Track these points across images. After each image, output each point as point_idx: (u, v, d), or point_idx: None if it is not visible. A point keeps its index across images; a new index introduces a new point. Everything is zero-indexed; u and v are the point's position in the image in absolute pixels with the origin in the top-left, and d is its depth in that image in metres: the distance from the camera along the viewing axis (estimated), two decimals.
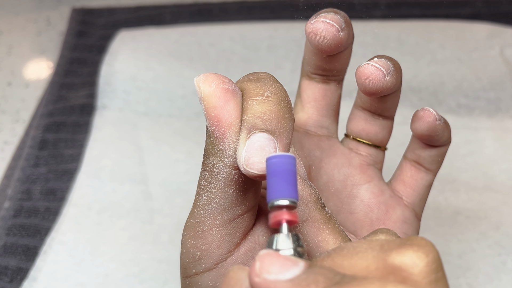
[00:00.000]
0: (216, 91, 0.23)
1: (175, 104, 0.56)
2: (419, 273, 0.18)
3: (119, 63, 0.57)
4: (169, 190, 0.49)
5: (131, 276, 0.43)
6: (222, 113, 0.23)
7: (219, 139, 0.23)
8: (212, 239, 0.24)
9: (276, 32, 0.61)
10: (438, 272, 0.18)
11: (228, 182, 0.23)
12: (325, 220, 0.24)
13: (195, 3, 0.67)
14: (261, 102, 0.23)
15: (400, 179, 0.32)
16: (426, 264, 0.18)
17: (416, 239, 0.19)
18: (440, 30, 0.61)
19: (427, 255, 0.18)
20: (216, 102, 0.23)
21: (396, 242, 0.19)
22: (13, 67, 0.62)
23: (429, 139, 0.30)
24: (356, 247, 0.20)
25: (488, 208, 0.47)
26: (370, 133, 0.31)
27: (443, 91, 0.56)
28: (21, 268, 0.44)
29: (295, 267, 0.18)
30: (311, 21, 0.27)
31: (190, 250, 0.25)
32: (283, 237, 0.20)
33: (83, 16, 0.65)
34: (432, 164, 0.31)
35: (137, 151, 0.52)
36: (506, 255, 0.44)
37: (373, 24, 0.62)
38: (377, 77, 0.27)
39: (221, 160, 0.23)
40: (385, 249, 0.19)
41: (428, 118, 0.29)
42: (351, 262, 0.19)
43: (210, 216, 0.24)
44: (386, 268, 0.18)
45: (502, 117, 0.54)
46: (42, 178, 0.50)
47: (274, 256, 0.18)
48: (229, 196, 0.24)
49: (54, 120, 0.54)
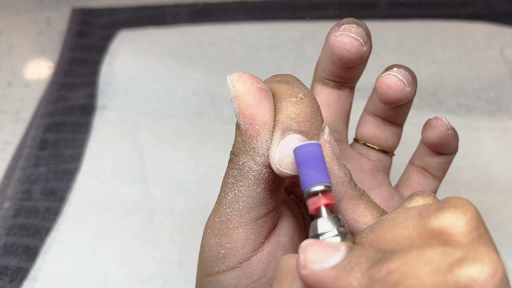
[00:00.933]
0: (251, 89, 0.23)
1: (176, 104, 0.56)
2: (460, 233, 0.18)
3: (119, 63, 0.57)
4: (169, 190, 0.49)
5: (132, 276, 0.43)
6: (257, 111, 0.23)
7: (252, 138, 0.23)
8: (237, 237, 0.25)
9: (276, 32, 0.61)
10: (479, 228, 0.18)
11: (258, 180, 0.24)
12: (359, 196, 0.24)
13: (195, 3, 0.67)
14: (295, 103, 0.23)
15: (408, 185, 0.32)
16: (465, 223, 0.18)
17: (452, 200, 0.19)
18: (440, 30, 0.61)
19: (465, 214, 0.18)
20: (251, 101, 0.23)
21: (433, 206, 0.19)
22: (13, 67, 0.62)
23: (439, 148, 0.30)
24: (396, 218, 0.20)
25: (488, 208, 0.47)
26: (381, 139, 0.31)
27: (443, 91, 0.56)
28: (21, 268, 0.44)
29: (337, 252, 0.19)
30: (335, 33, 0.27)
31: (214, 248, 0.25)
32: (324, 220, 0.21)
33: (83, 16, 0.65)
34: (439, 171, 0.32)
35: (138, 151, 0.52)
36: (506, 255, 0.44)
37: (373, 24, 0.62)
38: (399, 88, 0.27)
39: (252, 158, 0.23)
40: (424, 216, 0.19)
41: (441, 127, 0.29)
42: (393, 233, 0.19)
43: (236, 214, 0.24)
44: (428, 234, 0.18)
45: (502, 117, 0.54)
46: (42, 178, 0.50)
47: (315, 245, 0.19)
48: (257, 195, 0.24)
49: (54, 120, 0.54)
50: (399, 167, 0.35)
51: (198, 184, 0.49)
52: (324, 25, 0.62)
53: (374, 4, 0.66)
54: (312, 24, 0.62)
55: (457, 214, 0.18)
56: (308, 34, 0.60)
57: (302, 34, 0.60)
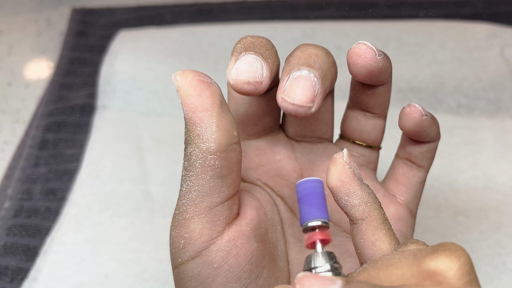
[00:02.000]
0: (192, 81, 0.24)
1: (176, 104, 0.56)
2: (454, 276, 0.19)
3: (119, 63, 0.57)
4: (169, 190, 0.49)
5: (131, 276, 0.43)
6: (198, 100, 0.24)
7: (196, 124, 0.24)
8: (194, 227, 0.25)
9: (276, 32, 0.61)
10: (471, 274, 0.19)
11: (204, 168, 0.25)
12: (382, 220, 0.24)
13: (195, 3, 0.67)
14: (252, 37, 0.26)
15: (393, 178, 0.32)
16: (459, 267, 0.19)
17: (447, 245, 0.20)
18: (440, 30, 0.61)
19: (459, 258, 0.19)
20: (192, 91, 0.24)
21: (428, 249, 0.20)
22: (13, 67, 0.62)
23: (417, 135, 0.30)
24: (390, 259, 0.20)
25: (488, 208, 0.47)
26: (362, 133, 0.31)
27: (443, 91, 0.56)
28: (21, 268, 0.44)
29: (333, 285, 0.19)
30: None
31: (175, 240, 0.26)
32: (318, 255, 0.22)
33: (83, 16, 0.65)
34: (423, 160, 0.31)
35: (138, 151, 0.52)
36: (506, 255, 0.44)
37: (373, 24, 0.62)
38: (369, 55, 0.26)
39: (197, 146, 0.24)
40: (419, 257, 0.20)
41: (414, 114, 0.29)
42: (387, 272, 0.20)
43: (191, 204, 0.25)
44: (422, 274, 0.19)
45: (502, 117, 0.54)
46: (42, 178, 0.50)
47: (312, 277, 0.19)
48: (207, 183, 0.25)
49: (54, 120, 0.54)
50: None
51: None
52: (324, 25, 0.62)
53: (374, 4, 0.66)
54: (312, 24, 0.62)
55: (452, 258, 0.19)
56: (308, 34, 0.60)
57: (302, 34, 0.60)
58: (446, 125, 0.54)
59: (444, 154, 0.51)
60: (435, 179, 0.50)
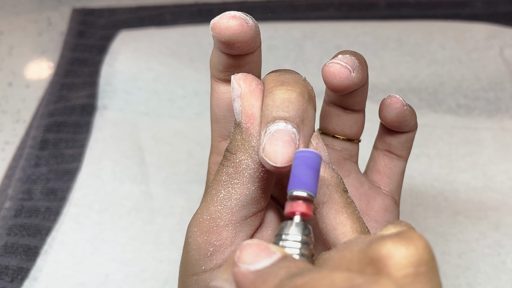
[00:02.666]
0: (256, 90, 0.24)
1: (176, 104, 0.56)
2: (394, 265, 0.17)
3: (119, 64, 0.57)
4: (169, 190, 0.49)
5: (132, 275, 0.43)
6: (259, 112, 0.24)
7: (252, 136, 0.24)
8: (227, 235, 0.25)
9: (276, 32, 0.61)
10: (419, 266, 0.17)
11: (253, 178, 0.24)
12: (344, 204, 0.24)
13: (195, 3, 0.67)
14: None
15: (375, 170, 0.32)
16: (403, 256, 0.17)
17: (403, 231, 0.18)
18: (440, 30, 0.61)
19: (407, 247, 0.17)
20: (254, 101, 0.24)
21: (385, 235, 0.18)
22: (13, 67, 0.62)
23: (398, 125, 0.30)
24: (352, 241, 0.20)
25: (488, 208, 0.47)
26: (344, 128, 0.31)
27: (443, 91, 0.56)
28: (22, 267, 0.44)
29: (267, 258, 0.19)
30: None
31: (202, 247, 0.25)
32: (293, 225, 0.21)
33: (83, 16, 0.66)
34: (402, 150, 0.32)
35: (138, 151, 0.52)
36: (506, 255, 0.44)
37: (373, 24, 0.62)
38: (343, 75, 0.27)
39: (251, 156, 0.24)
40: (371, 242, 0.18)
41: (396, 104, 0.29)
42: (341, 254, 0.19)
43: (228, 212, 0.25)
44: (365, 259, 0.18)
45: (502, 117, 0.55)
46: (43, 178, 0.50)
47: (253, 246, 0.19)
48: (251, 193, 0.24)
49: (54, 120, 0.54)
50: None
51: (198, 184, 0.49)
52: (324, 25, 0.62)
53: (374, 4, 0.66)
54: (312, 24, 0.62)
55: (397, 245, 0.17)
56: (308, 34, 0.60)
57: (302, 34, 0.60)
58: (446, 125, 0.54)
59: (444, 154, 0.51)
60: (435, 179, 0.50)
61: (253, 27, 0.25)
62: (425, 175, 0.50)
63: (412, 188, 0.49)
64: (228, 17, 0.24)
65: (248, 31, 0.24)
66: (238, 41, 0.25)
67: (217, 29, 0.24)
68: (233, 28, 0.24)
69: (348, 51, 0.28)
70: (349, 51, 0.28)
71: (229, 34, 0.24)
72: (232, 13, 0.24)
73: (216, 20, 0.24)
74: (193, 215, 0.26)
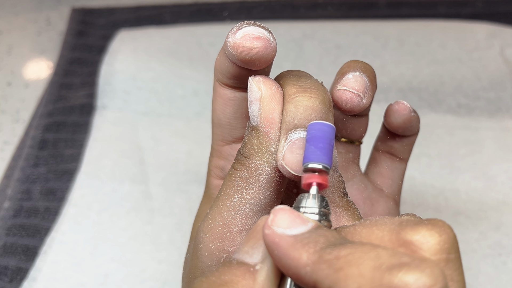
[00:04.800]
0: (277, 94, 0.24)
1: (175, 104, 0.56)
2: (428, 249, 0.18)
3: (119, 63, 0.57)
4: (169, 190, 0.49)
5: (131, 276, 0.43)
6: (279, 116, 0.23)
7: (272, 141, 0.23)
8: (240, 241, 0.24)
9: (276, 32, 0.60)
10: (450, 253, 0.19)
11: (269, 183, 0.24)
12: (345, 207, 0.24)
13: (195, 3, 0.67)
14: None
15: (378, 172, 0.33)
16: (437, 242, 0.18)
17: (434, 220, 0.19)
18: (440, 30, 0.61)
19: (440, 234, 0.19)
20: (275, 105, 0.23)
21: (415, 220, 0.20)
22: (13, 67, 0.62)
23: (404, 130, 0.31)
24: (378, 220, 0.20)
25: (488, 208, 0.47)
26: (349, 131, 0.31)
27: (443, 91, 0.56)
28: (21, 268, 0.44)
29: (303, 225, 0.19)
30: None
31: (215, 253, 0.24)
32: (310, 197, 0.21)
33: (83, 16, 0.65)
34: (404, 153, 0.32)
35: (137, 151, 0.52)
36: (506, 255, 0.44)
37: (373, 24, 0.62)
38: (355, 102, 0.27)
39: (267, 161, 0.23)
40: (403, 225, 0.19)
41: (404, 111, 0.30)
42: (369, 231, 0.20)
43: (241, 217, 0.24)
44: (399, 241, 0.19)
45: (502, 117, 0.54)
46: (42, 178, 0.50)
47: (287, 211, 0.20)
48: (266, 198, 0.24)
49: (54, 120, 0.54)
50: None
51: (198, 184, 0.49)
52: (324, 25, 0.62)
53: (374, 4, 0.65)
54: (312, 24, 0.62)
55: (432, 232, 0.19)
56: (308, 34, 0.60)
57: (302, 34, 0.60)
58: (446, 125, 0.53)
59: (444, 154, 0.51)
60: (435, 179, 0.50)
61: (275, 46, 0.24)
62: (426, 175, 0.50)
63: (412, 188, 0.49)
64: (252, 38, 0.23)
65: (271, 52, 0.24)
66: (261, 61, 0.24)
67: (239, 49, 0.23)
68: (257, 50, 0.23)
69: (358, 66, 0.28)
70: (359, 65, 0.28)
71: (251, 55, 0.24)
72: (255, 32, 0.23)
73: (238, 40, 0.23)
74: (203, 221, 0.25)
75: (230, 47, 0.24)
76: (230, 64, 0.25)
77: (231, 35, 0.24)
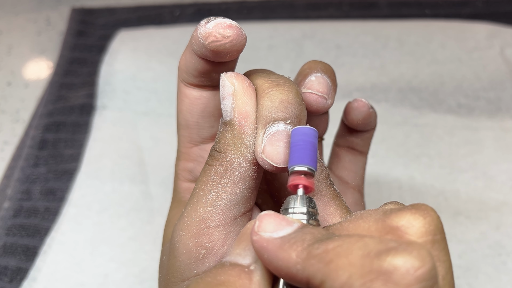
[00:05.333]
0: (249, 89, 0.24)
1: (175, 104, 0.56)
2: (414, 233, 0.19)
3: (119, 63, 0.57)
4: (169, 190, 0.49)
5: (131, 276, 0.43)
6: (252, 110, 0.24)
7: (246, 134, 0.24)
8: (218, 236, 0.24)
9: (276, 32, 0.60)
10: (435, 234, 0.19)
11: (244, 177, 0.24)
12: (332, 196, 0.25)
13: (195, 3, 0.67)
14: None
15: (341, 166, 0.34)
16: (422, 225, 0.19)
17: (417, 204, 0.20)
18: (440, 30, 0.61)
19: (424, 217, 0.19)
20: (247, 99, 0.24)
21: (398, 207, 0.20)
22: (13, 67, 0.62)
23: (363, 126, 0.32)
24: (363, 213, 0.21)
25: (488, 208, 0.47)
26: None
27: (443, 91, 0.56)
28: (20, 268, 0.44)
29: (289, 226, 0.20)
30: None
31: (193, 250, 0.25)
32: (298, 198, 0.22)
33: (83, 16, 0.65)
34: (364, 147, 0.34)
35: (137, 151, 0.52)
36: (506, 255, 0.44)
37: (373, 24, 0.62)
38: (321, 104, 0.27)
39: (242, 155, 0.24)
40: (387, 213, 0.20)
41: (363, 108, 0.31)
42: (355, 224, 0.21)
43: (218, 212, 0.24)
44: (385, 228, 0.20)
45: (502, 117, 0.54)
46: (42, 178, 0.50)
47: (272, 216, 0.20)
48: (241, 192, 0.24)
49: (53, 120, 0.54)
50: None
51: None
52: (324, 25, 0.62)
53: (374, 4, 0.65)
54: (312, 24, 0.62)
55: (416, 215, 0.19)
56: (308, 34, 0.60)
57: (302, 34, 0.60)
58: (446, 125, 0.53)
59: (444, 154, 0.51)
60: (435, 179, 0.50)
61: (246, 36, 0.25)
62: (425, 175, 0.50)
63: (412, 188, 0.49)
64: (224, 26, 0.24)
65: (243, 40, 0.24)
66: (233, 50, 0.24)
67: (211, 38, 0.24)
68: (230, 38, 0.24)
69: (319, 67, 0.28)
70: (319, 66, 0.28)
71: (224, 44, 0.24)
72: (227, 21, 0.24)
73: (210, 30, 0.24)
74: (178, 220, 0.25)
75: (202, 38, 0.24)
76: (198, 61, 0.26)
77: (201, 27, 0.24)
